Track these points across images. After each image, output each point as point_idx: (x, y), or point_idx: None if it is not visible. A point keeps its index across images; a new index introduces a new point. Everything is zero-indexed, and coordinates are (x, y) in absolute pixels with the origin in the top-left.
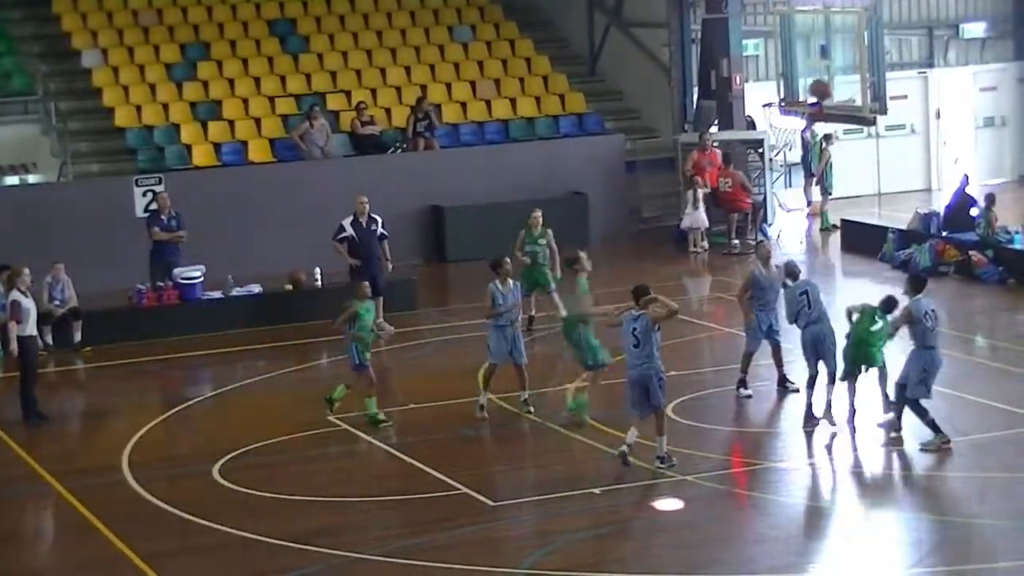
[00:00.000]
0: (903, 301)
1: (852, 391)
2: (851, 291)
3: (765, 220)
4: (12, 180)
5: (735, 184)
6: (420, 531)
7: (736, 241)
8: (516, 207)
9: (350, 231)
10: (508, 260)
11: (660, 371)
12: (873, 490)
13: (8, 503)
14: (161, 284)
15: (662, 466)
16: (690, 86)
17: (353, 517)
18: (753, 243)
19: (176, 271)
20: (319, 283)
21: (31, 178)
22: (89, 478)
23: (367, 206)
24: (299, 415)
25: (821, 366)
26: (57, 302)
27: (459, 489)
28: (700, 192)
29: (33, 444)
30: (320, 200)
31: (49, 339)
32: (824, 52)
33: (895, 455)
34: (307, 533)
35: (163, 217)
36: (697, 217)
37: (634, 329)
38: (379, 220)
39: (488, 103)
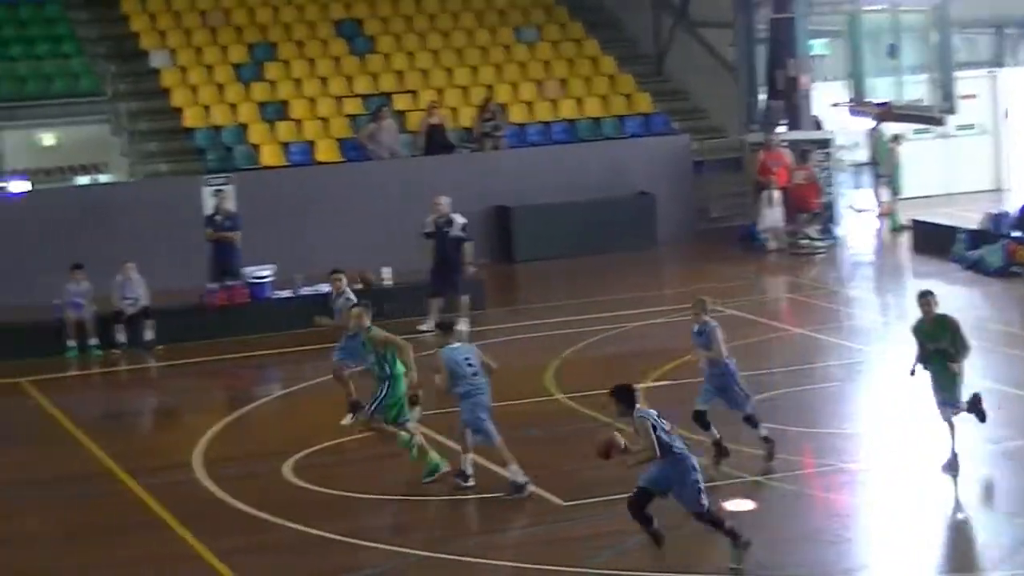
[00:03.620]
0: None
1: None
2: None
3: (832, 220)
4: (83, 180)
5: (809, 178)
6: (489, 530)
7: (804, 241)
8: (583, 207)
9: (430, 229)
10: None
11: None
12: (948, 492)
13: (83, 500)
14: (216, 284)
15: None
16: (757, 86)
17: (422, 515)
18: (822, 243)
19: (246, 270)
20: (388, 282)
21: (102, 178)
22: (162, 475)
23: (440, 206)
24: None
25: None
26: (129, 301)
27: (531, 488)
28: (774, 191)
29: (108, 442)
30: (387, 200)
31: (122, 338)
32: (892, 51)
33: (969, 457)
34: (377, 531)
35: (217, 218)
36: (774, 216)
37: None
38: (456, 222)
39: (554, 103)
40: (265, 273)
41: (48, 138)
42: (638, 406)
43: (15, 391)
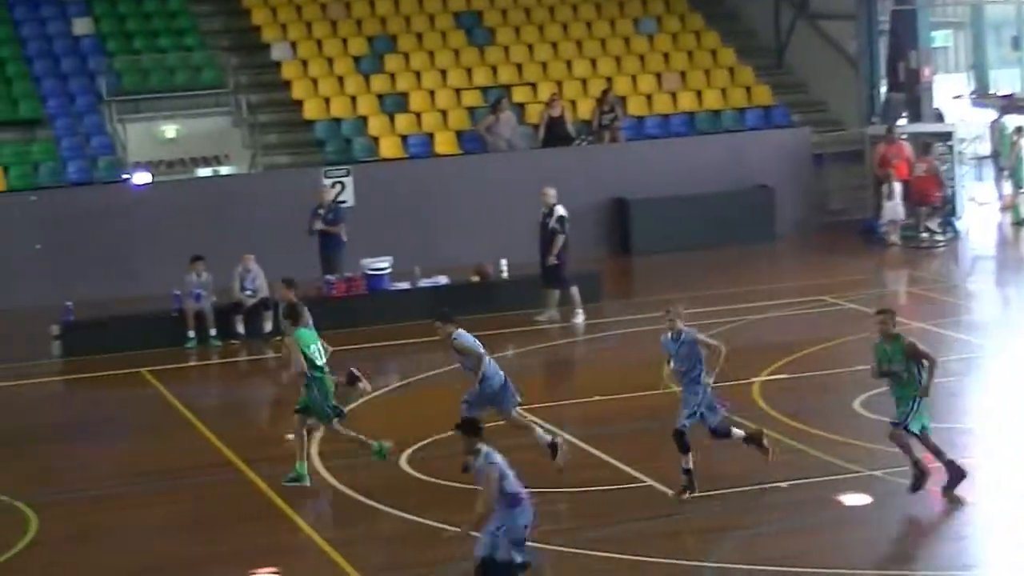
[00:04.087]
0: None
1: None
2: None
3: (953, 214)
4: (205, 172)
5: (930, 171)
6: (604, 522)
7: (925, 235)
8: (701, 200)
9: (540, 220)
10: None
11: None
12: None
13: (199, 489)
14: (334, 276)
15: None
16: (878, 78)
17: (538, 508)
18: (943, 237)
19: (364, 262)
20: (505, 274)
21: (223, 169)
22: (278, 465)
23: (545, 197)
24: None
25: None
26: (248, 292)
27: (644, 481)
28: (895, 185)
29: (224, 431)
30: (505, 192)
31: (241, 329)
32: (1016, 43)
33: None
34: None
35: (320, 211)
36: (895, 209)
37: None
38: (555, 213)
39: (673, 95)
40: (383, 265)
41: (170, 130)
42: (485, 448)
43: (136, 381)
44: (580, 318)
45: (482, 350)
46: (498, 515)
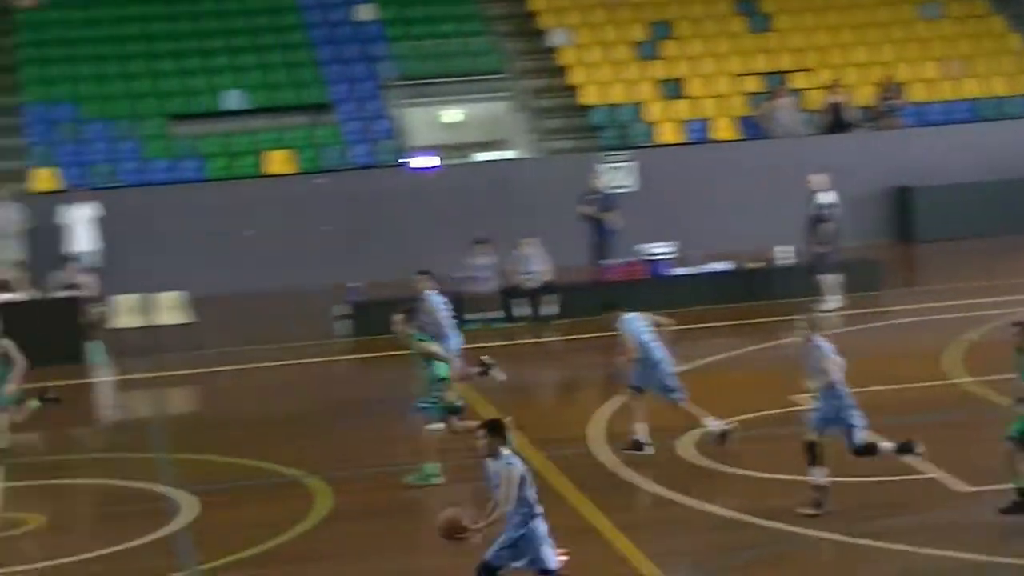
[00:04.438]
0: None
1: None
2: None
3: None
4: (487, 156)
5: None
6: (888, 514)
7: None
8: (987, 187)
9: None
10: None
11: None
12: None
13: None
14: (615, 260)
15: None
16: None
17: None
18: None
19: (642, 247)
20: (785, 261)
21: (505, 154)
22: (559, 448)
23: (809, 184)
24: (763, 394)
25: None
26: (528, 276)
27: (925, 473)
28: None
29: (508, 413)
30: (786, 178)
31: (522, 311)
32: None
33: None
34: (771, 511)
35: (590, 196)
36: None
37: None
38: (814, 201)
39: (957, 81)
40: (663, 249)
41: (450, 115)
42: (506, 451)
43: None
44: (832, 305)
45: (643, 338)
46: (513, 526)
